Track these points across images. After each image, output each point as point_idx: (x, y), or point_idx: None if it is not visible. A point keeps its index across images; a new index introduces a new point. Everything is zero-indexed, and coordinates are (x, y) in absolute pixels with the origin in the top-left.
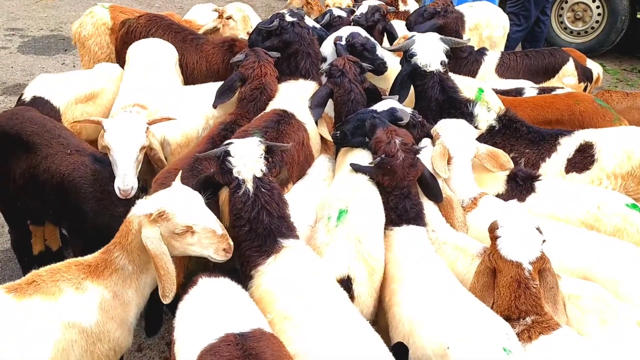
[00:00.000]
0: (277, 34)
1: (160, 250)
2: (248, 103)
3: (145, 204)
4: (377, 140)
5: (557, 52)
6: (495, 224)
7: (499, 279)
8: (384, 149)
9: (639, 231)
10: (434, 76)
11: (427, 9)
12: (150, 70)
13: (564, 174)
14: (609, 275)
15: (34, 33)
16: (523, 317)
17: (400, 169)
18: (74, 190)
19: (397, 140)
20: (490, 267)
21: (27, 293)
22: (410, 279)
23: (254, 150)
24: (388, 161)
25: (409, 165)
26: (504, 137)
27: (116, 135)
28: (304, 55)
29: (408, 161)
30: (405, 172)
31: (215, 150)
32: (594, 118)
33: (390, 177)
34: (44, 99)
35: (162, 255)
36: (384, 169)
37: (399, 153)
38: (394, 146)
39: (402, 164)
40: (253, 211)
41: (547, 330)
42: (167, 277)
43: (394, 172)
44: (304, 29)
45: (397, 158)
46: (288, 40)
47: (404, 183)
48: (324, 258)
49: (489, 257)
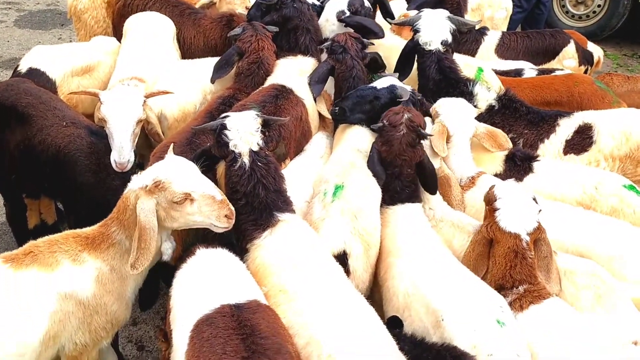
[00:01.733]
0: (276, 8)
1: (150, 224)
2: (246, 77)
3: (140, 177)
4: (390, 109)
5: (558, 33)
6: (493, 195)
7: (496, 249)
8: (390, 118)
9: (635, 212)
10: (432, 55)
11: None
12: (147, 43)
13: (562, 155)
14: (604, 252)
15: (31, 7)
16: (516, 286)
17: (397, 142)
18: (69, 163)
19: (406, 115)
20: (487, 237)
21: (24, 263)
22: (406, 253)
23: (250, 123)
24: (388, 130)
25: (407, 143)
26: (503, 117)
27: (113, 108)
28: (304, 31)
29: (408, 138)
30: (401, 148)
31: (211, 124)
32: (592, 100)
33: (387, 149)
34: (40, 71)
35: (149, 230)
36: (383, 138)
37: (402, 126)
38: (399, 118)
39: (400, 138)
40: (249, 185)
41: (537, 300)
42: (144, 252)
43: (390, 144)
44: (303, 5)
45: (398, 130)
46: (288, 15)
47: (397, 160)
48: (320, 233)
49: (487, 228)
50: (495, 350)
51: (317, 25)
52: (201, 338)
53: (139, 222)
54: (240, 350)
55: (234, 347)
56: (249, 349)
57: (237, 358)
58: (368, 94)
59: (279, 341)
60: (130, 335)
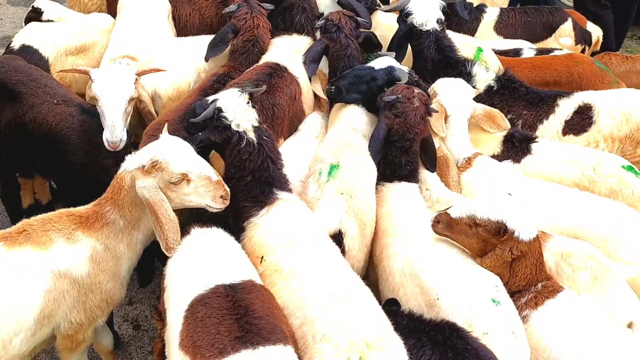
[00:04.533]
0: None
1: (159, 197)
2: (240, 55)
3: (136, 157)
4: (397, 86)
5: (556, 11)
6: (498, 224)
7: (523, 261)
8: (403, 91)
9: (634, 193)
10: (430, 35)
11: None
12: (141, 21)
13: (561, 136)
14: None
15: None
16: (536, 284)
17: (412, 115)
18: (61, 142)
19: (417, 91)
20: (513, 257)
21: (18, 242)
22: (402, 233)
23: (241, 101)
24: (404, 102)
25: (420, 116)
26: (502, 97)
27: (104, 86)
28: (299, 10)
29: (421, 111)
30: (416, 121)
31: (205, 112)
32: (592, 80)
33: (400, 121)
34: (33, 48)
35: (161, 203)
36: (397, 109)
37: (415, 99)
38: (412, 92)
39: (415, 111)
40: (258, 160)
41: (552, 294)
42: (169, 225)
43: (405, 115)
44: None
45: (413, 103)
46: None
47: (409, 134)
48: (315, 212)
49: (511, 250)
50: (491, 328)
51: (314, 4)
52: (195, 318)
53: (149, 202)
54: (234, 330)
55: (228, 327)
56: (243, 329)
57: (230, 338)
58: (365, 74)
59: (272, 321)
60: (126, 314)
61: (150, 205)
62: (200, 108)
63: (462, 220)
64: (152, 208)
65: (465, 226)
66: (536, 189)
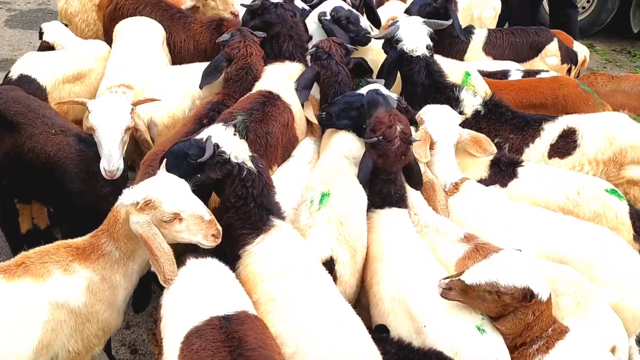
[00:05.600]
0: (259, 13)
1: (152, 232)
2: (234, 83)
3: (132, 193)
4: (379, 120)
5: (542, 31)
6: (526, 290)
7: (541, 316)
8: (384, 132)
9: (618, 216)
10: (420, 61)
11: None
12: (136, 49)
13: (547, 159)
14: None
15: (22, 7)
16: (547, 330)
17: (393, 155)
18: (59, 171)
19: (399, 128)
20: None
21: (16, 275)
22: (391, 259)
23: (230, 134)
24: (384, 144)
25: (401, 153)
26: (489, 122)
27: (101, 116)
28: (286, 38)
29: (402, 149)
30: (397, 159)
31: (208, 152)
32: (577, 102)
33: (383, 161)
34: (31, 77)
35: (154, 237)
36: (378, 150)
37: (396, 140)
38: (394, 132)
39: (396, 151)
40: (259, 187)
41: (561, 336)
42: (165, 258)
43: (386, 157)
44: (287, 11)
45: (393, 144)
46: (269, 21)
47: (392, 169)
48: (307, 240)
49: (532, 313)
50: (476, 357)
51: (302, 31)
52: (190, 350)
53: (142, 236)
54: None
55: (222, 359)
56: None
57: None
58: (355, 101)
59: (265, 353)
60: (123, 338)
61: (144, 240)
62: (196, 148)
63: (479, 287)
64: (146, 242)
65: (484, 292)
66: (522, 214)
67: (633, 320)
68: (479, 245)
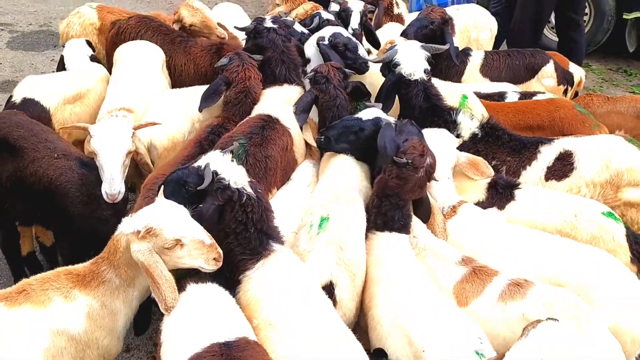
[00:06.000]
0: (251, 37)
1: (153, 260)
2: (233, 106)
3: (132, 221)
4: (413, 146)
5: (538, 53)
6: None
7: None
8: (415, 158)
9: (615, 238)
10: (418, 84)
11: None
12: (136, 73)
13: (544, 182)
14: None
15: (23, 28)
16: None
17: (412, 184)
18: (61, 194)
19: (428, 160)
20: None
21: (18, 302)
22: (390, 282)
23: (228, 160)
24: (410, 170)
25: (420, 186)
26: (486, 144)
27: (102, 141)
28: (278, 63)
29: (422, 182)
30: (413, 188)
31: (207, 180)
32: (573, 124)
33: (400, 184)
34: (35, 100)
35: (156, 265)
36: (401, 173)
37: (422, 170)
38: (423, 162)
39: (417, 180)
40: (258, 212)
41: None
42: (166, 285)
43: (406, 182)
44: (279, 36)
45: (418, 173)
46: (261, 45)
47: (405, 196)
48: (307, 265)
49: None
50: None
51: (294, 56)
52: None
53: (144, 264)
54: None
55: None
56: None
57: None
58: (353, 125)
59: None
60: None
61: (145, 268)
62: (194, 176)
63: None
64: (147, 270)
65: None
66: (519, 236)
67: (632, 343)
68: (477, 269)
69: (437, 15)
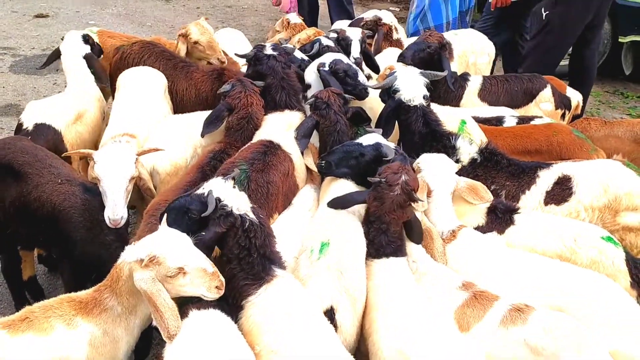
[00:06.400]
0: (252, 64)
1: (156, 288)
2: (235, 132)
3: (135, 249)
4: (388, 167)
5: (535, 78)
6: None
7: None
8: (387, 175)
9: (615, 263)
10: (417, 110)
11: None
12: (139, 98)
13: (543, 206)
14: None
15: (26, 52)
16: None
17: (389, 202)
18: (64, 219)
19: (403, 177)
20: None
21: (20, 329)
22: (389, 307)
23: (230, 187)
24: (384, 187)
25: (398, 204)
26: (485, 169)
27: (106, 167)
28: (278, 89)
29: (400, 199)
30: (392, 208)
31: (210, 207)
32: (571, 149)
33: (377, 204)
34: (47, 124)
35: (159, 293)
36: (376, 192)
37: (397, 187)
38: (397, 178)
39: (394, 198)
40: (261, 238)
41: None
42: (169, 313)
43: (382, 201)
44: (279, 63)
45: (392, 190)
46: (261, 71)
47: (385, 218)
48: (308, 290)
49: None
50: None
51: (294, 82)
52: None
53: (147, 293)
54: None
55: None
56: None
57: None
58: (354, 150)
59: None
60: None
61: (148, 297)
62: (197, 203)
63: None
64: (150, 299)
65: None
66: (519, 261)
67: None
68: (478, 293)
69: (434, 39)
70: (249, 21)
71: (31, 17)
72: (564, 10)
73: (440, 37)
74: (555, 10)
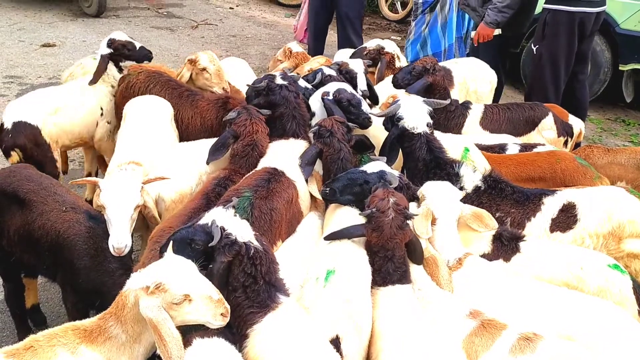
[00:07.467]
0: (264, 94)
1: (162, 317)
2: (240, 159)
3: (141, 277)
4: (374, 195)
5: (537, 106)
6: None
7: None
8: (377, 204)
9: (622, 291)
10: (421, 137)
11: (415, 67)
12: (145, 127)
13: (548, 233)
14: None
15: (33, 81)
16: None
17: (388, 227)
18: (68, 247)
19: (391, 200)
20: None
21: (25, 358)
22: (395, 336)
23: (232, 216)
24: (378, 216)
25: (397, 226)
26: (490, 197)
27: (111, 196)
28: (289, 118)
29: (397, 222)
30: (392, 232)
31: (216, 237)
32: (574, 176)
33: (377, 235)
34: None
35: (164, 322)
36: (372, 224)
37: (389, 211)
38: (386, 203)
39: (390, 222)
40: (266, 265)
41: None
42: (173, 343)
43: (381, 229)
44: (291, 93)
45: (387, 215)
46: (274, 102)
47: (389, 244)
48: (313, 318)
49: None
50: None
51: (304, 111)
52: None
53: (152, 321)
54: None
55: None
56: None
57: None
58: (358, 177)
59: None
60: None
61: (153, 325)
62: (201, 234)
63: None
64: (155, 327)
65: None
66: (526, 289)
67: None
68: (486, 322)
69: (420, 63)
70: (253, 50)
71: (38, 46)
72: (550, 42)
73: (424, 62)
74: (544, 43)
